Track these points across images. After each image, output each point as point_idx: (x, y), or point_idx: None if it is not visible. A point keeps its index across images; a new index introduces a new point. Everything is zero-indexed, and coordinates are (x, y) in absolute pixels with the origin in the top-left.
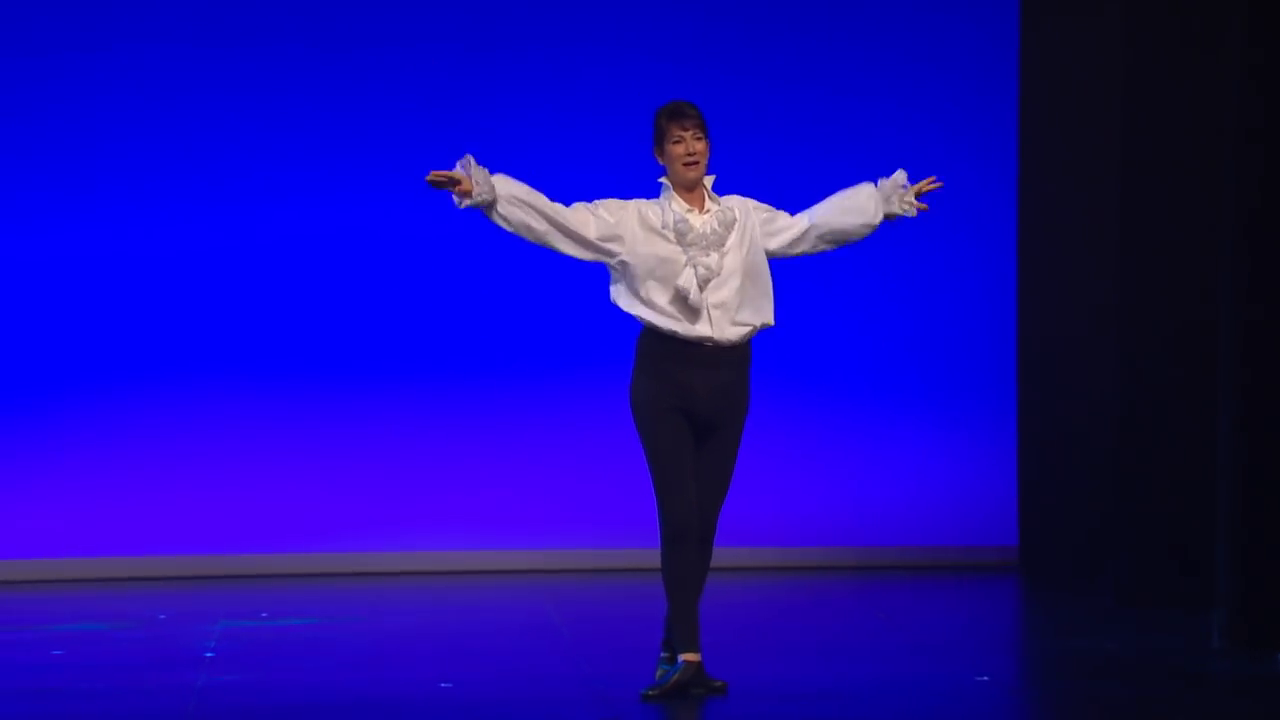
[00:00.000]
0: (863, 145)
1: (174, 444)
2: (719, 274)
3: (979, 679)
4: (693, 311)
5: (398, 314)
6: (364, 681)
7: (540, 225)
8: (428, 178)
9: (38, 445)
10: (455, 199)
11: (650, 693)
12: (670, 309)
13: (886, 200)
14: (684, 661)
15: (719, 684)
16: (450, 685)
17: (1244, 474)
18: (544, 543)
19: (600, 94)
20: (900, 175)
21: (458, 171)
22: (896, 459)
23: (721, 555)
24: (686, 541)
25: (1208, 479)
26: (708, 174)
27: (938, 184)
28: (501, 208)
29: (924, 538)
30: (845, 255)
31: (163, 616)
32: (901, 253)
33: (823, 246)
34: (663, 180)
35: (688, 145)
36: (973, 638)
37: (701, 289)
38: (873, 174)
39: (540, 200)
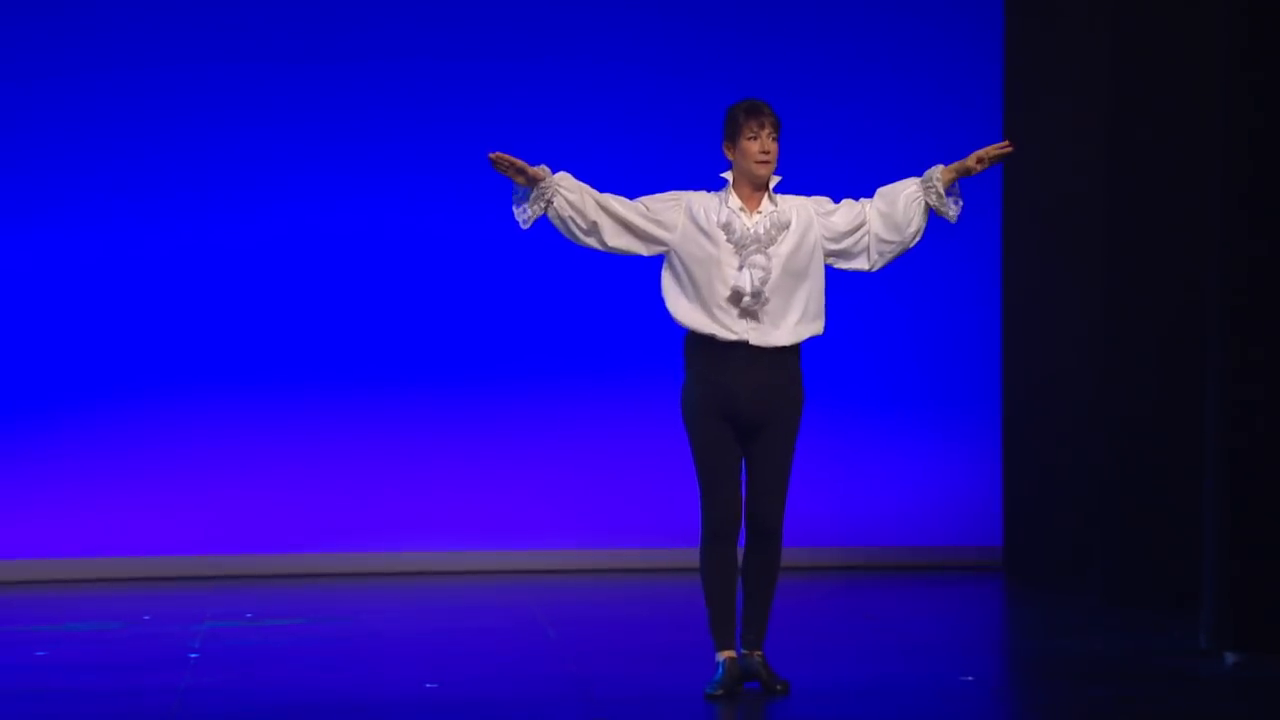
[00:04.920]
0: (845, 153)
1: (159, 445)
2: (767, 276)
3: (964, 679)
4: (740, 312)
5: (379, 317)
6: (349, 682)
7: (592, 212)
8: (491, 155)
9: (22, 447)
10: (518, 214)
11: (712, 692)
12: (713, 310)
13: (926, 190)
14: (720, 660)
15: (780, 685)
16: (435, 686)
17: (1230, 473)
18: (530, 544)
19: (595, 103)
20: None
21: (521, 162)
22: (881, 460)
23: None
24: (724, 542)
25: (1193, 478)
26: (775, 174)
27: (1006, 148)
28: (557, 201)
29: (908, 538)
30: None
31: (147, 617)
32: None
33: (884, 251)
34: (725, 175)
35: (763, 143)
36: (958, 638)
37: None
38: (859, 180)
39: (592, 191)
